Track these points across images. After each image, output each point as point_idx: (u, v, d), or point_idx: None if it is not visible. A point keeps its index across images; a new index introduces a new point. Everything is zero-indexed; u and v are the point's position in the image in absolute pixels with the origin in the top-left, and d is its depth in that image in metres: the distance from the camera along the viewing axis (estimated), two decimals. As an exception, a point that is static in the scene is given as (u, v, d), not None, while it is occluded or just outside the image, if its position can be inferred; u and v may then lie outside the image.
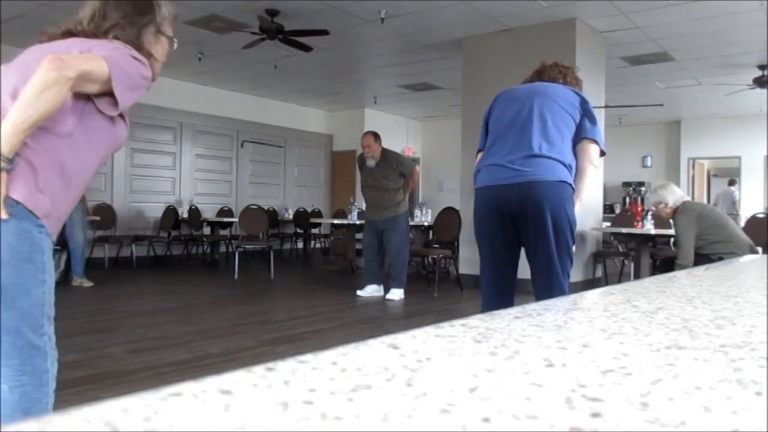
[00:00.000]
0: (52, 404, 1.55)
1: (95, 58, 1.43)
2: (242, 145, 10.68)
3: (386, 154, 6.01)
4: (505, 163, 2.55)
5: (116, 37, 1.57)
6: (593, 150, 2.61)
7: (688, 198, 4.59)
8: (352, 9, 6.27)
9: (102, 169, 8.64)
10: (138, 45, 1.60)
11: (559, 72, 2.84)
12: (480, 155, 2.76)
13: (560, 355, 0.43)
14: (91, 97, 1.49)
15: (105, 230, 8.37)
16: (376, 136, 5.97)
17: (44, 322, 1.50)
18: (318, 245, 11.75)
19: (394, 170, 5.94)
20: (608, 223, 7.96)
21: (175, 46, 1.74)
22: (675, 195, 4.39)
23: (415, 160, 13.10)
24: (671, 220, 4.59)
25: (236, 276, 7.42)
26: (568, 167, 2.55)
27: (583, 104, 2.65)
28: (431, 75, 9.02)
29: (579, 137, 2.61)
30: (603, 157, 2.82)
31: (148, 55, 1.62)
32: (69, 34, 1.58)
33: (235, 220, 8.73)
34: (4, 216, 1.37)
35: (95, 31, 1.58)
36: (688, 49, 7.38)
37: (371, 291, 6.11)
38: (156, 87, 1.75)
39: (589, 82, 6.58)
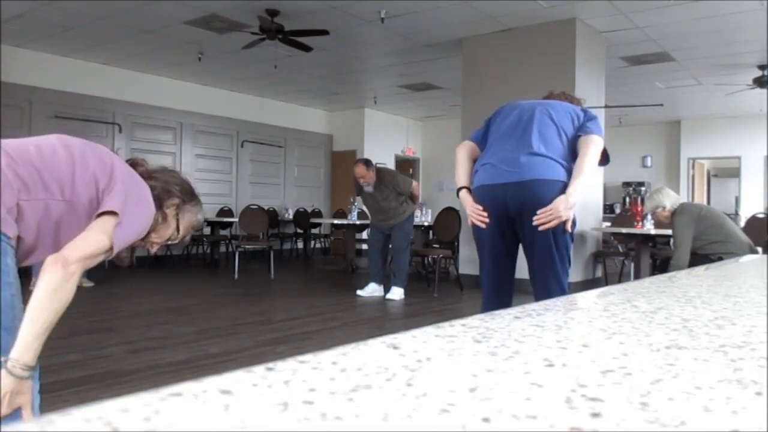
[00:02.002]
0: (38, 405, 1.55)
1: (97, 238, 1.50)
2: (242, 145, 10.68)
3: (381, 176, 5.96)
4: (504, 162, 2.55)
5: (152, 186, 1.73)
6: (595, 137, 2.53)
7: (685, 199, 4.59)
8: (352, 9, 6.27)
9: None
10: (158, 204, 1.74)
11: (565, 97, 2.87)
12: (466, 143, 2.76)
13: (560, 355, 0.43)
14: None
15: (105, 230, 8.35)
16: (368, 164, 5.92)
17: (17, 325, 1.50)
18: (318, 245, 11.75)
19: (392, 191, 5.93)
20: (608, 223, 7.96)
21: (176, 241, 1.90)
22: (671, 198, 4.40)
23: (415, 161, 13.12)
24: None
25: (236, 276, 7.42)
26: (566, 168, 2.55)
27: (585, 111, 2.67)
28: (431, 75, 9.02)
29: (580, 132, 2.57)
30: (606, 165, 2.74)
31: (163, 216, 1.78)
32: (133, 164, 1.76)
33: (235, 220, 8.72)
34: (5, 411, 1.40)
35: (146, 175, 1.76)
36: (688, 49, 7.37)
37: (371, 290, 6.11)
38: (156, 87, 1.77)
39: (589, 82, 6.61)
